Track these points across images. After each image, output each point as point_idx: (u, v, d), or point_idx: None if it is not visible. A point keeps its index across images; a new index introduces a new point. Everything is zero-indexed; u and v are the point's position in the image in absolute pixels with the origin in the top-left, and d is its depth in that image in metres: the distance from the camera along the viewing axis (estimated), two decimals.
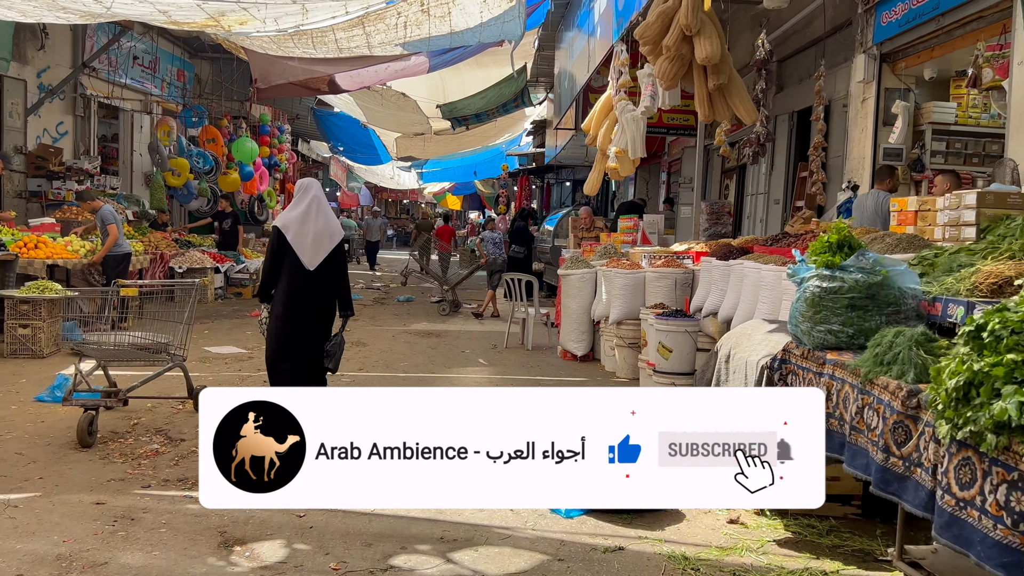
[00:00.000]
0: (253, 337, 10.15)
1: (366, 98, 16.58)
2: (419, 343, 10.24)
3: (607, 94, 9.26)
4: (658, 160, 17.48)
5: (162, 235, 13.70)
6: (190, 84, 19.47)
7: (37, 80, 14.27)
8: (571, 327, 9.13)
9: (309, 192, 5.65)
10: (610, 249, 9.36)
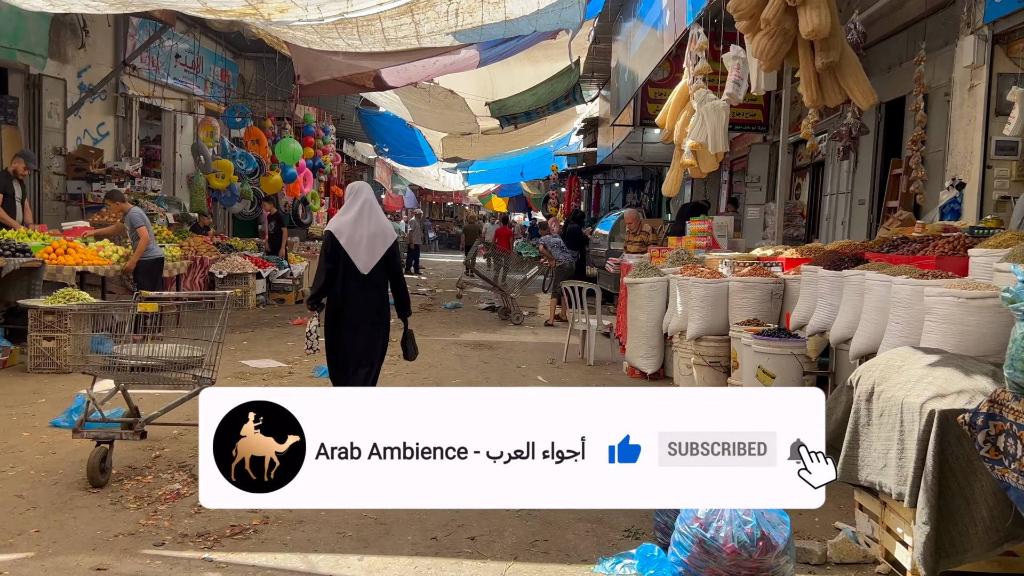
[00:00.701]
0: (295, 348, 9.37)
1: (412, 96, 15.77)
2: (470, 356, 9.35)
3: (682, 83, 8.29)
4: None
5: (202, 239, 13.03)
6: (234, 84, 18.90)
7: (77, 80, 13.72)
8: (639, 341, 8.17)
9: (361, 195, 5.58)
10: (683, 255, 8.38)
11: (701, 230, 9.03)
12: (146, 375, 5.18)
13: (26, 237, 8.88)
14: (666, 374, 8.26)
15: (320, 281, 5.56)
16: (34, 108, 12.64)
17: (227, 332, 10.01)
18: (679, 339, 7.65)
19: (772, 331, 5.48)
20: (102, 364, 5.50)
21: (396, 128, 19.44)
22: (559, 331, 11.75)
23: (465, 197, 38.25)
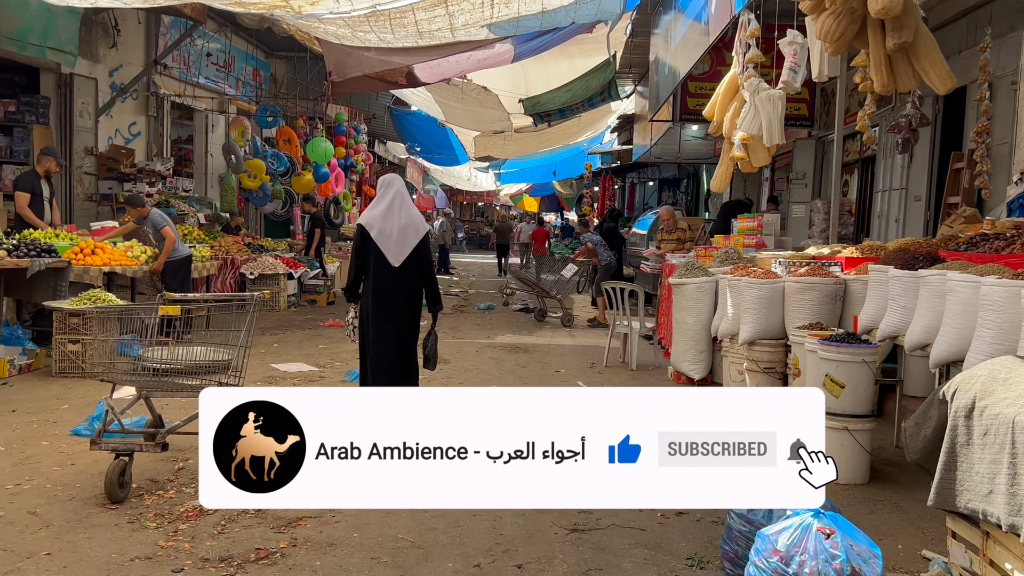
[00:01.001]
0: (326, 351, 9.06)
1: (445, 93, 15.44)
2: (507, 360, 8.97)
3: (731, 74, 7.83)
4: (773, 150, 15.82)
5: (233, 239, 12.79)
6: (265, 84, 18.71)
7: (109, 79, 13.56)
8: (686, 345, 7.72)
9: (392, 187, 5.54)
10: (732, 254, 7.92)
11: (750, 228, 8.55)
12: (169, 382, 4.85)
13: (53, 237, 8.66)
14: (714, 380, 7.81)
15: (352, 274, 5.60)
16: (65, 108, 12.49)
17: (257, 334, 9.72)
18: (729, 343, 7.20)
19: (841, 336, 5.02)
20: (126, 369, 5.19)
21: (428, 127, 19.13)
22: (597, 333, 11.34)
23: (496, 197, 37.87)
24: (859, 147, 12.17)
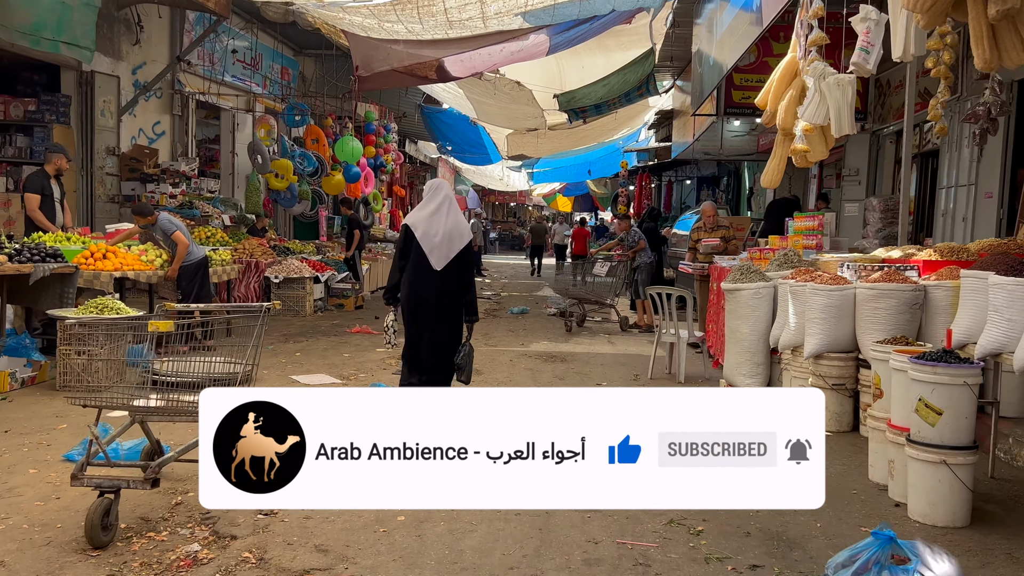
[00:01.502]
0: (351, 361, 8.48)
1: (477, 89, 14.83)
2: (543, 370, 8.31)
3: (787, 59, 7.08)
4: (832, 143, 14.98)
5: (258, 242, 12.29)
6: (294, 82, 18.25)
7: (132, 77, 13.14)
8: (740, 357, 7.00)
9: (440, 191, 5.53)
10: (791, 256, 7.17)
11: (808, 228, 7.80)
12: (161, 407, 4.26)
13: (64, 241, 8.18)
14: None
15: (394, 276, 5.52)
16: (87, 107, 12.08)
17: (280, 341, 9.17)
18: (792, 356, 6.47)
19: (936, 354, 4.28)
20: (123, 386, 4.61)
21: (459, 125, 18.55)
22: (639, 340, 10.63)
23: (528, 197, 37.20)
24: (919, 140, 11.33)
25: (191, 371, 4.60)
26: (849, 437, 5.90)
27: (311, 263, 12.35)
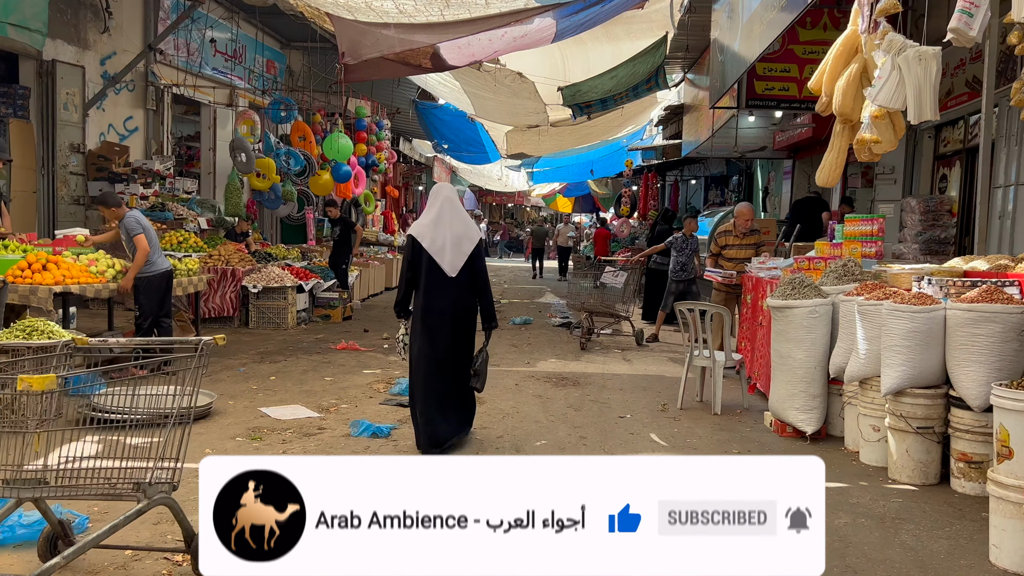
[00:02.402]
0: (333, 386, 7.28)
1: (476, 82, 13.62)
2: (554, 398, 7.11)
3: (847, 33, 5.90)
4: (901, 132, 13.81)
5: (235, 247, 11.08)
6: (281, 76, 17.05)
7: (100, 68, 11.95)
8: (793, 387, 5.81)
9: (439, 195, 5.39)
10: (851, 267, 5.99)
11: (866, 233, 6.61)
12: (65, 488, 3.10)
13: (0, 249, 6.98)
14: (830, 432, 5.90)
15: (403, 288, 5.32)
16: (48, 99, 10.89)
17: (255, 361, 7.94)
18: (860, 389, 5.30)
19: None
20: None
21: (456, 122, 17.35)
22: (655, 356, 9.44)
23: (527, 198, 35.92)
24: (963, 135, 10.18)
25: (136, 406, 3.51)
26: (940, 493, 4.72)
27: (294, 270, 11.15)
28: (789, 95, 11.29)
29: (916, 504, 4.54)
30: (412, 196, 28.20)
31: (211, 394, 6.32)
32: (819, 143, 14.02)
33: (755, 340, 7.35)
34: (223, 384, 7.23)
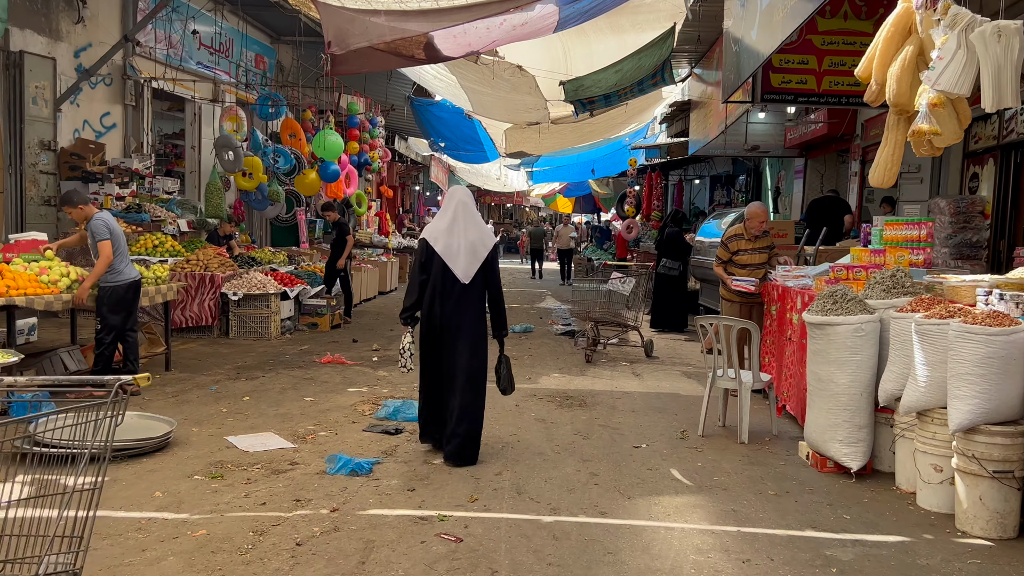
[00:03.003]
0: (314, 408, 6.49)
1: (473, 76, 12.83)
2: (559, 422, 6.32)
3: (898, 11, 5.10)
4: (846, 144, 13.05)
5: (215, 251, 10.28)
6: (271, 72, 16.25)
7: (74, 60, 11.15)
8: (835, 416, 5.02)
9: (454, 198, 5.18)
10: (901, 278, 5.20)
11: (913, 239, 5.82)
12: None
13: None
14: (876, 466, 5.11)
15: (413, 293, 5.11)
16: (15, 93, 10.08)
17: (229, 379, 7.15)
18: (918, 421, 4.51)
19: None
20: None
21: (453, 119, 16.54)
22: (666, 370, 8.65)
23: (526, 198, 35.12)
24: (996, 130, 9.41)
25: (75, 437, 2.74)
26: (1022, 550, 3.94)
27: (278, 276, 10.34)
28: (807, 88, 10.49)
29: (997, 567, 3.75)
30: (409, 196, 27.39)
31: (170, 421, 5.54)
32: (834, 140, 13.27)
33: (782, 357, 6.56)
34: (190, 406, 6.43)
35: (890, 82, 5.07)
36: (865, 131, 12.30)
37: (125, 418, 2.66)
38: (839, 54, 10.19)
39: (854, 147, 12.77)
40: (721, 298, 7.59)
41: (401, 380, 7.68)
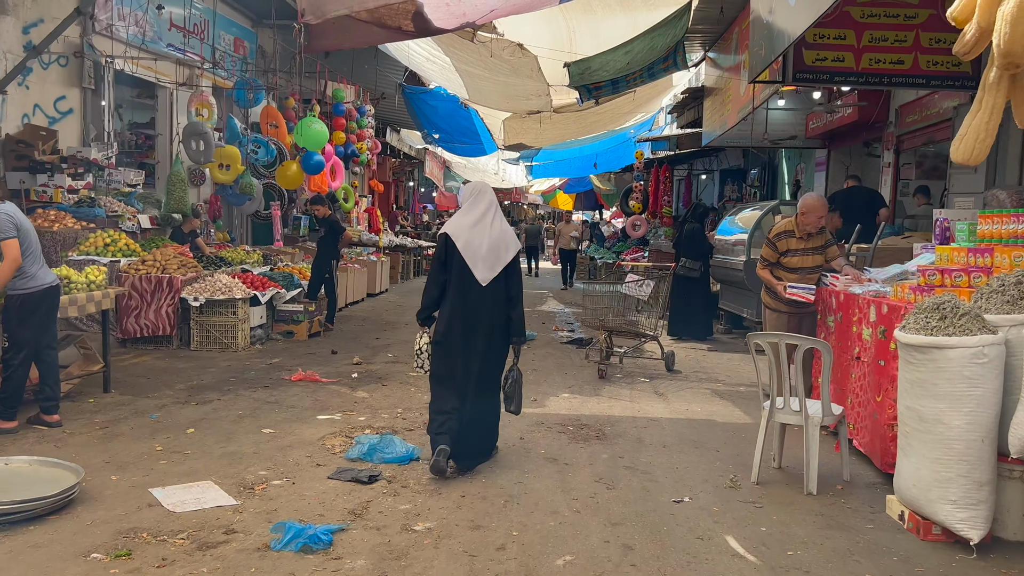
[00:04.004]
0: (271, 444, 5.21)
1: (469, 57, 11.55)
2: (575, 463, 5.04)
3: None
4: (877, 133, 11.78)
5: (177, 250, 8.99)
6: (252, 57, 14.92)
7: (23, 37, 9.84)
8: (944, 467, 3.75)
9: (484, 196, 4.88)
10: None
11: (1019, 234, 4.55)
12: None
13: None
14: (997, 532, 3.84)
15: (433, 292, 4.76)
16: None
17: (176, 402, 5.85)
18: None
19: None
20: None
21: (448, 108, 15.23)
22: (692, 388, 7.38)
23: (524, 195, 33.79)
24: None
25: None
26: None
27: (248, 278, 9.05)
28: (844, 67, 9.16)
29: None
30: (404, 193, 26.09)
31: (77, 469, 4.25)
32: (866, 128, 12.00)
33: (846, 380, 5.30)
34: (118, 443, 5.15)
35: (1000, 24, 3.80)
36: (900, 118, 11.03)
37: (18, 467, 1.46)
38: (881, 28, 8.86)
39: (887, 135, 11.49)
40: (764, 307, 6.30)
41: (382, 404, 6.40)
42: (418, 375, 6.60)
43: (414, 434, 5.49)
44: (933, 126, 10.00)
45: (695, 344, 9.73)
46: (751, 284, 9.35)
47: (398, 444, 4.98)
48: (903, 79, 8.82)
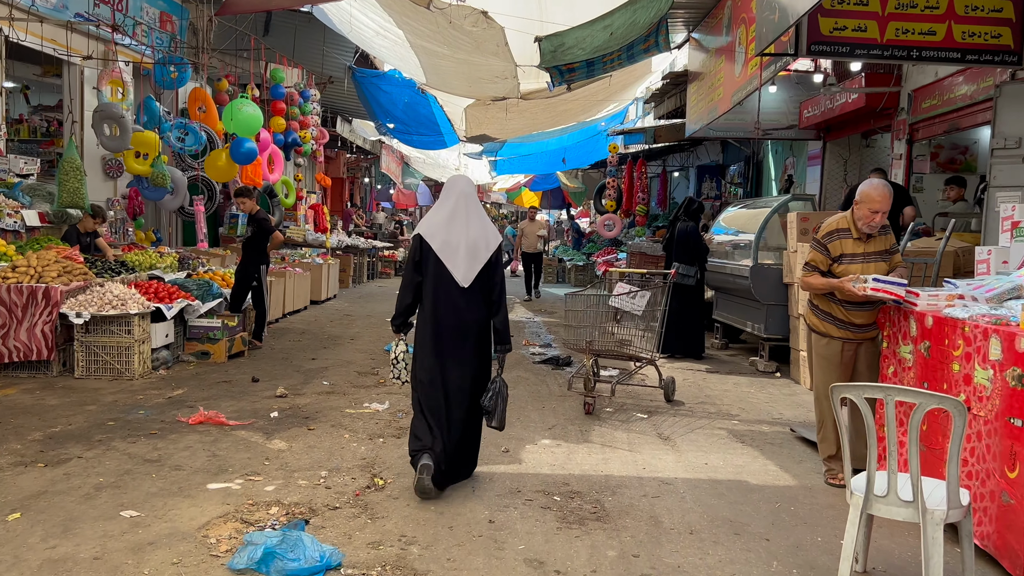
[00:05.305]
0: (122, 543, 3.46)
1: (425, 30, 9.87)
2: (569, 572, 3.41)
3: None
4: (882, 121, 10.35)
5: (61, 253, 7.15)
6: (182, 34, 13.04)
7: None
8: None
9: (455, 188, 4.42)
10: None
11: None
12: None
13: None
14: None
15: (406, 298, 4.36)
16: None
17: (18, 465, 4.03)
18: None
19: None
20: None
21: (404, 94, 13.53)
22: (705, 430, 5.78)
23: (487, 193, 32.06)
24: None
25: None
26: None
27: (151, 287, 7.25)
28: (866, 37, 7.68)
29: None
30: (359, 190, 24.24)
31: None
32: (871, 116, 10.59)
33: (942, 440, 3.75)
34: None
35: None
36: (914, 103, 9.62)
37: None
38: None
39: (897, 123, 10.07)
40: (811, 330, 4.68)
41: (302, 461, 4.71)
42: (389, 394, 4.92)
43: (339, 518, 3.83)
44: (957, 111, 8.59)
45: (691, 364, 8.18)
46: (759, 294, 7.83)
47: (308, 546, 3.30)
48: (934, 52, 7.42)
